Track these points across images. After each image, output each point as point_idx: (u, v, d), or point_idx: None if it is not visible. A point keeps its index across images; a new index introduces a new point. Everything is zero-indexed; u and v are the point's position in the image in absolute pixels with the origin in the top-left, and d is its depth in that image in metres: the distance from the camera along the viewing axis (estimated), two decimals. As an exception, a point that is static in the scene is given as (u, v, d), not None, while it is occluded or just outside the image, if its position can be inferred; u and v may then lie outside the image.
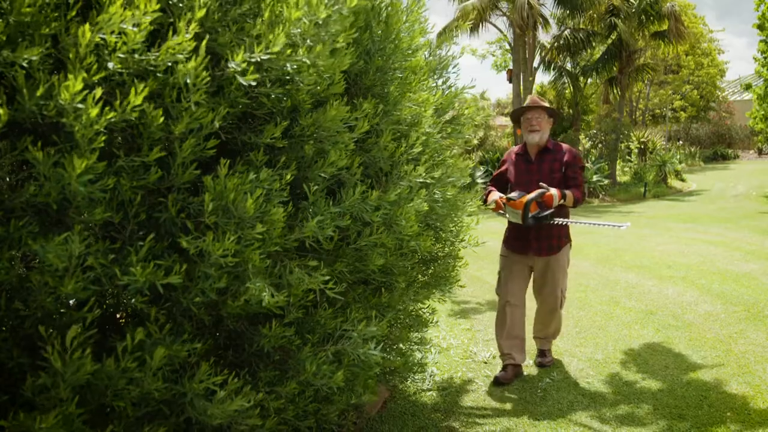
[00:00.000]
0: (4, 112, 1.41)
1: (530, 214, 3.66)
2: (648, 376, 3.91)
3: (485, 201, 3.89)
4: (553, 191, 3.66)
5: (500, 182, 4.07)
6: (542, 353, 4.17)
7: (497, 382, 3.81)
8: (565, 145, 3.93)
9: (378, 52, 2.39)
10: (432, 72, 2.89)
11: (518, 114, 4.01)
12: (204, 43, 1.63)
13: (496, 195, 3.86)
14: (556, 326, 4.12)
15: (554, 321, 4.07)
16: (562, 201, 3.71)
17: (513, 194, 3.71)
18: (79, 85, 1.42)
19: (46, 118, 1.48)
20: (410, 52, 2.55)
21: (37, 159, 1.47)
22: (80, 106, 1.44)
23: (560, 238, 3.92)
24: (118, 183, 1.65)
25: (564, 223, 3.79)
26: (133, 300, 1.76)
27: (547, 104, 3.93)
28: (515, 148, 4.07)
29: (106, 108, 1.50)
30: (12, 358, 1.70)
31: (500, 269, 4.06)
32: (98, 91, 1.46)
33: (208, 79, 1.65)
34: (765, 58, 15.83)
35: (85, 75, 1.47)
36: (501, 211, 3.81)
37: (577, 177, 3.84)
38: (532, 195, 3.65)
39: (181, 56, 1.59)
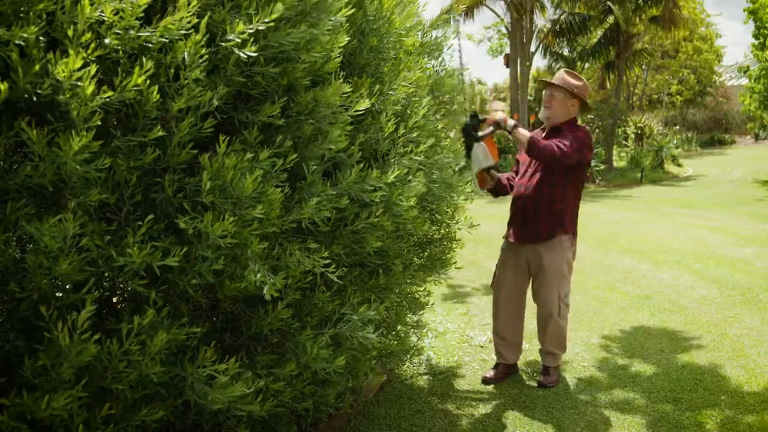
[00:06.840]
0: (4, 87, 1.39)
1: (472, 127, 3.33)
2: (643, 359, 3.93)
3: None
4: (508, 118, 3.35)
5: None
6: (546, 371, 3.66)
7: (483, 381, 3.66)
8: (579, 129, 3.48)
9: (372, 32, 2.36)
10: (426, 53, 2.86)
11: (540, 89, 3.83)
12: (205, 20, 1.61)
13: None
14: (554, 336, 3.61)
15: (551, 329, 3.59)
16: (515, 123, 3.33)
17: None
18: (79, 63, 1.41)
19: (41, 96, 1.46)
20: (403, 31, 2.52)
21: (31, 138, 1.45)
22: (78, 83, 1.43)
23: (553, 225, 3.45)
24: (114, 163, 1.63)
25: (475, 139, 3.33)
26: (130, 282, 1.75)
27: (573, 81, 3.49)
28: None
29: (104, 87, 1.48)
30: (9, 341, 1.69)
31: (497, 264, 3.74)
32: (93, 68, 1.45)
33: (207, 56, 1.63)
34: (760, 43, 15.83)
35: (83, 52, 1.45)
36: (487, 188, 3.55)
37: (561, 142, 3.30)
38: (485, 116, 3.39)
39: (179, 33, 1.57)
